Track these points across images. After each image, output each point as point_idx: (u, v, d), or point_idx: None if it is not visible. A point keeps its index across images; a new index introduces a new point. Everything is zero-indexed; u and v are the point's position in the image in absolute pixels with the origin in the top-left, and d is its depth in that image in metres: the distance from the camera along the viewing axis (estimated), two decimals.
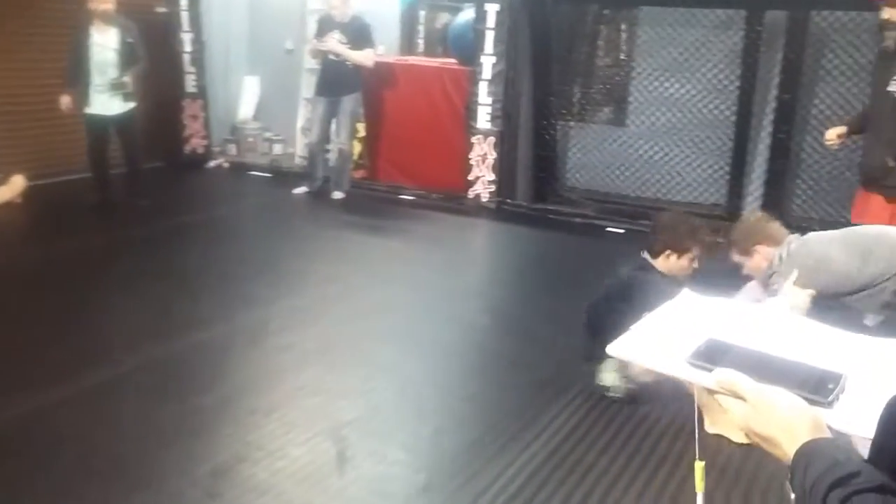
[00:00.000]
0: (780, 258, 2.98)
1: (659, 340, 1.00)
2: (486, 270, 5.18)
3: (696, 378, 0.92)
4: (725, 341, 0.97)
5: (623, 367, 3.01)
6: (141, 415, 2.90)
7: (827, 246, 2.95)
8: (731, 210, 5.82)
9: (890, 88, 3.59)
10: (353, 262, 4.92)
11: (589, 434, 2.87)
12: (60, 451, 2.63)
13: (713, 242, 3.53)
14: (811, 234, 3.07)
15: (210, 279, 4.48)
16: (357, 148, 6.94)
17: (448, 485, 2.52)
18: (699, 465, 1.58)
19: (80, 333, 3.59)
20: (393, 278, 4.63)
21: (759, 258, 3.07)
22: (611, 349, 1.01)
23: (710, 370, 0.90)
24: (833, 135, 4.08)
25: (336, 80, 6.22)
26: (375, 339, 3.70)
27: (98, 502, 2.40)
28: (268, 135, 7.87)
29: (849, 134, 4.08)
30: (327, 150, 6.67)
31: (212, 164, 7.52)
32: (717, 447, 2.71)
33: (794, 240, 3.03)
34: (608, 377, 3.12)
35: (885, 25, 3.62)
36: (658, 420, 2.98)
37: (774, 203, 5.75)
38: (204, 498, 2.41)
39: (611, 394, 3.11)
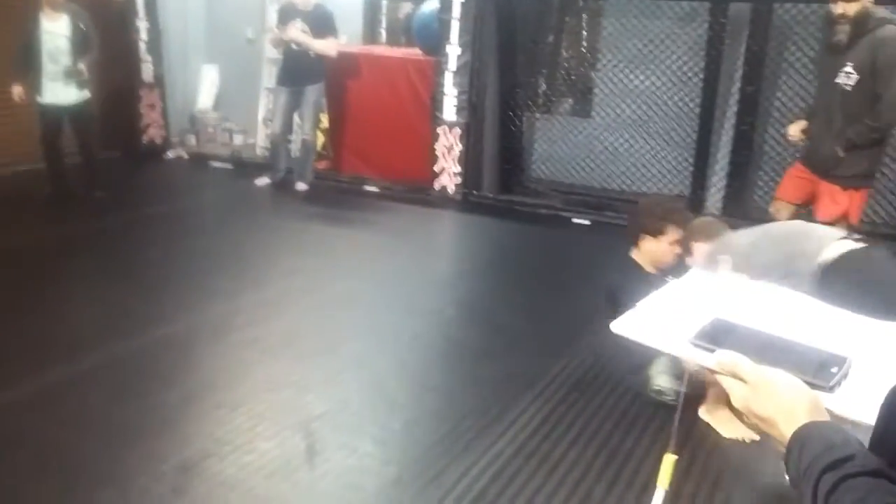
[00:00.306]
0: (713, 252, 2.97)
1: (663, 319, 0.98)
2: (452, 262, 5.15)
3: (698, 358, 0.91)
4: (730, 321, 0.95)
5: (675, 367, 2.88)
6: (103, 412, 2.81)
7: (753, 237, 2.93)
8: (695, 201, 5.88)
9: (839, 80, 3.67)
10: (317, 255, 4.85)
11: (558, 427, 2.86)
12: (20, 450, 2.53)
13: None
14: (740, 230, 3.05)
15: (171, 273, 4.37)
16: (320, 139, 6.85)
17: (419, 478, 2.49)
18: (669, 459, 1.55)
19: (36, 331, 3.48)
20: (358, 270, 4.58)
21: (698, 255, 3.04)
22: (614, 326, 0.98)
23: (713, 351, 0.88)
24: (796, 130, 4.14)
25: (298, 69, 6.11)
26: (343, 332, 3.65)
27: (60, 500, 2.32)
28: (228, 125, 7.73)
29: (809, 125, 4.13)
30: (290, 141, 6.57)
31: (170, 154, 7.36)
32: (685, 442, 2.73)
33: (726, 234, 3.01)
34: (661, 379, 2.97)
35: (837, 20, 3.68)
36: (625, 413, 2.98)
37: (737, 194, 5.83)
38: (170, 494, 2.34)
39: (665, 398, 2.95)
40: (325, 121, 6.83)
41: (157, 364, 3.24)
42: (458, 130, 6.16)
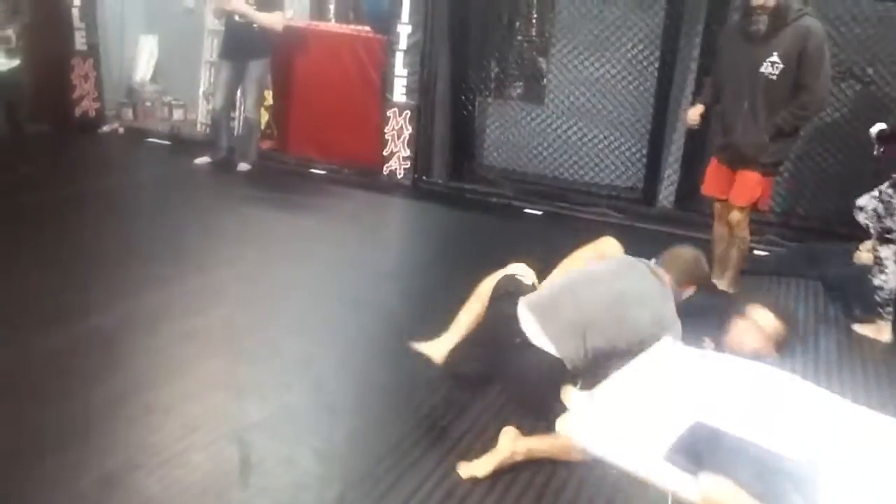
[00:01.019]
0: None
1: (625, 418, 0.83)
2: (401, 251, 4.96)
3: (676, 484, 0.76)
4: (712, 427, 0.81)
5: None
6: (13, 417, 2.57)
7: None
8: (648, 194, 5.82)
9: (763, 70, 3.69)
10: (260, 240, 4.61)
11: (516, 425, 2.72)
12: None
13: None
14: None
15: (102, 258, 4.09)
16: (264, 117, 6.55)
17: (365, 498, 2.33)
18: None
19: None
20: (304, 258, 4.36)
21: (682, 291, 2.86)
22: (562, 427, 0.83)
23: (694, 473, 0.73)
24: (696, 115, 4.13)
25: (242, 43, 5.82)
26: (286, 326, 3.45)
27: None
28: (167, 99, 7.36)
29: (708, 109, 4.14)
30: (232, 119, 6.27)
31: (105, 129, 6.95)
32: None
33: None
34: None
35: (755, 10, 3.71)
36: None
37: (688, 188, 5.77)
38: None
39: None
40: (269, 98, 6.54)
41: (80, 360, 3.00)
42: (408, 113, 5.96)
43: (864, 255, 4.60)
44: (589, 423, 0.74)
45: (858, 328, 3.92)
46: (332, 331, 3.47)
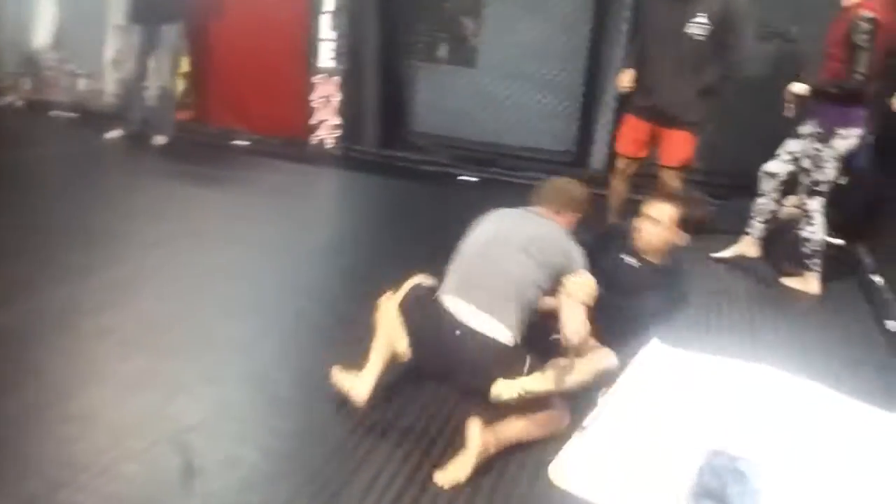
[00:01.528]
0: None
1: (628, 456, 0.70)
2: (335, 225, 4.73)
3: None
4: (732, 457, 0.69)
5: None
6: None
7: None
8: (581, 156, 5.74)
9: (688, 31, 3.74)
10: (182, 221, 4.31)
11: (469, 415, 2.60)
12: None
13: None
14: None
15: (2, 247, 3.72)
16: (180, 85, 6.15)
17: (315, 498, 2.16)
18: None
19: None
20: (231, 238, 4.10)
21: (566, 221, 2.79)
22: (557, 477, 0.69)
23: None
24: (627, 79, 4.08)
25: (153, 5, 5.43)
26: (218, 315, 3.21)
27: None
28: (70, 67, 6.82)
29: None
30: (145, 88, 5.85)
31: (2, 101, 6.41)
32: None
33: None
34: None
35: None
36: None
37: None
38: None
39: None
40: (185, 65, 6.14)
41: None
42: (336, 79, 5.69)
43: (787, 209, 4.67)
44: (587, 470, 0.62)
45: (786, 281, 3.98)
46: (269, 317, 3.24)
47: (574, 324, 2.35)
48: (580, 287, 2.45)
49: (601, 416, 0.76)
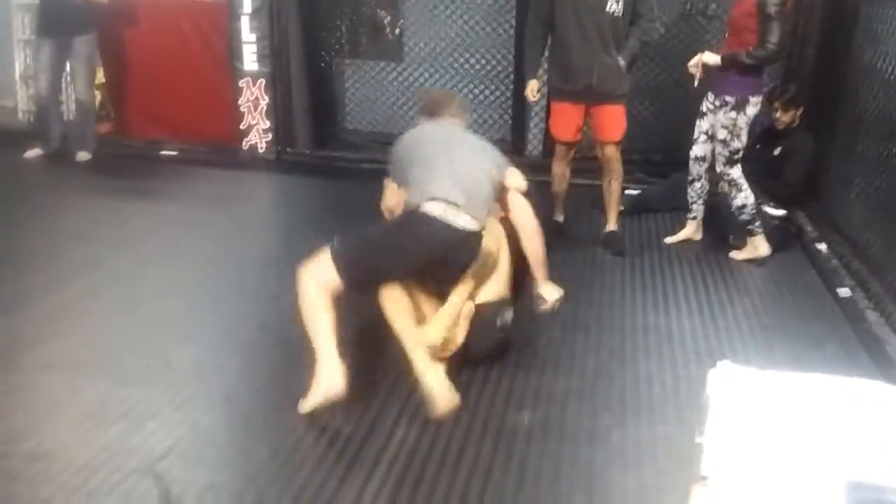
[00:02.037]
0: None
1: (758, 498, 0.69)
2: (281, 233, 4.60)
3: None
4: (867, 485, 0.68)
5: None
6: None
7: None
8: (517, 144, 5.76)
9: (608, 9, 3.88)
10: (116, 238, 4.12)
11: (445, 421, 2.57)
12: None
13: None
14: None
15: None
16: (97, 98, 5.89)
17: None
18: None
19: None
20: (173, 252, 3.96)
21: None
22: None
23: None
24: (533, 93, 4.21)
25: (62, 18, 5.16)
26: (172, 336, 3.08)
27: None
28: None
29: (538, 80, 4.25)
30: (61, 103, 5.58)
31: None
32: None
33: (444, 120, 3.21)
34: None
35: None
36: (514, 386, 2.77)
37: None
38: None
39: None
40: (100, 76, 5.88)
41: None
42: (262, 81, 5.55)
43: (726, 184, 4.81)
44: None
45: (737, 255, 4.09)
46: (227, 333, 3.14)
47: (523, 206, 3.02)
48: (519, 177, 3.07)
49: (715, 461, 0.73)
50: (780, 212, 4.31)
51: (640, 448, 2.45)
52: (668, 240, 4.33)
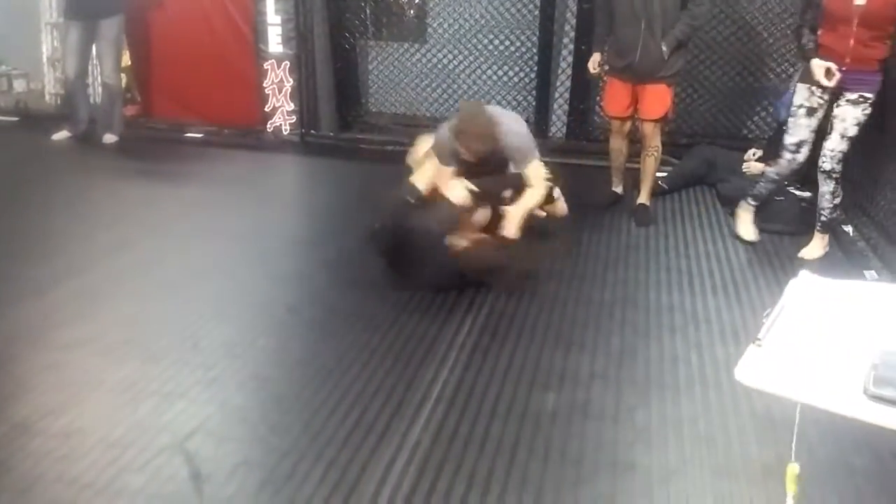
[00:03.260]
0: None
1: (800, 359, 0.73)
2: (306, 214, 4.63)
3: (889, 421, 0.66)
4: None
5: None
6: None
7: None
8: (540, 126, 5.73)
9: None
10: (144, 221, 4.17)
11: (471, 399, 2.59)
12: None
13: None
14: None
15: None
16: (123, 80, 5.94)
17: (338, 488, 2.12)
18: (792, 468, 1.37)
19: None
20: (200, 234, 3.99)
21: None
22: (741, 375, 0.75)
23: None
24: (594, 65, 4.37)
25: (90, 0, 5.18)
26: (201, 314, 3.12)
27: None
28: (4, 68, 6.55)
29: (601, 54, 4.34)
30: (88, 85, 5.64)
31: None
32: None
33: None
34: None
35: None
36: (539, 367, 2.78)
37: (579, 117, 5.75)
38: None
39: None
40: (126, 58, 5.92)
41: None
42: (287, 64, 5.56)
43: (753, 165, 4.75)
44: (766, 368, 0.70)
45: (806, 254, 3.83)
46: (256, 313, 3.18)
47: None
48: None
49: (772, 332, 0.83)
50: (807, 193, 4.26)
51: (665, 428, 2.45)
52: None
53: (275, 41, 5.52)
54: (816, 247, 3.87)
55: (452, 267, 3.33)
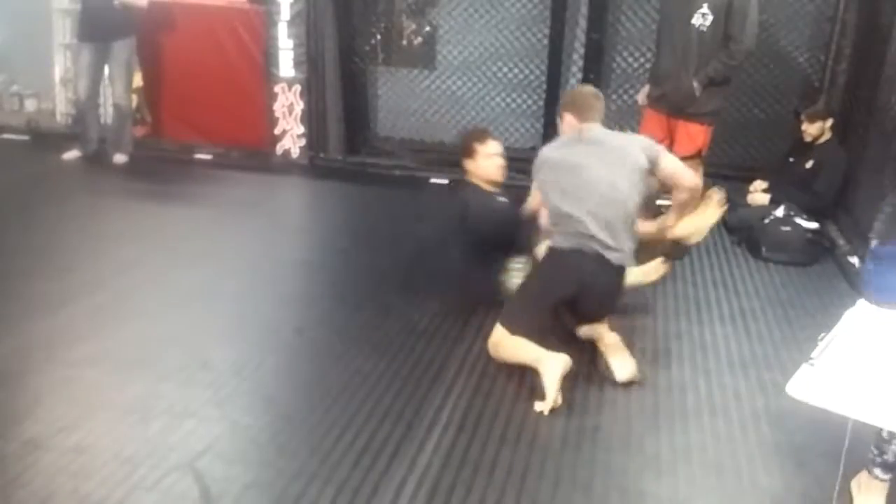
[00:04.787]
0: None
1: (855, 377, 0.76)
2: (313, 236, 4.66)
3: None
4: None
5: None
6: None
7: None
8: None
9: (694, 21, 3.89)
10: (154, 241, 4.18)
11: (481, 422, 2.60)
12: None
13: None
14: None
15: None
16: (134, 101, 5.99)
17: None
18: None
19: None
20: (209, 255, 4.01)
21: (565, 125, 3.16)
22: (793, 391, 0.78)
23: None
24: (644, 97, 4.38)
25: (103, 22, 5.25)
26: (210, 335, 3.14)
27: None
28: (16, 88, 6.60)
29: None
30: (99, 106, 5.69)
31: None
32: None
33: (587, 129, 3.05)
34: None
35: None
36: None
37: None
38: None
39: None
40: (137, 80, 5.98)
41: None
42: (297, 87, 5.61)
43: (758, 196, 4.79)
44: (819, 385, 0.72)
45: None
46: (265, 333, 3.19)
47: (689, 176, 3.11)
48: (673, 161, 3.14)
49: (826, 353, 0.86)
50: (814, 224, 4.29)
51: (674, 456, 2.46)
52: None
53: (286, 65, 5.57)
54: None
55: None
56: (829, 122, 4.62)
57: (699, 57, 3.92)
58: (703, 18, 3.86)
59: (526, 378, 2.87)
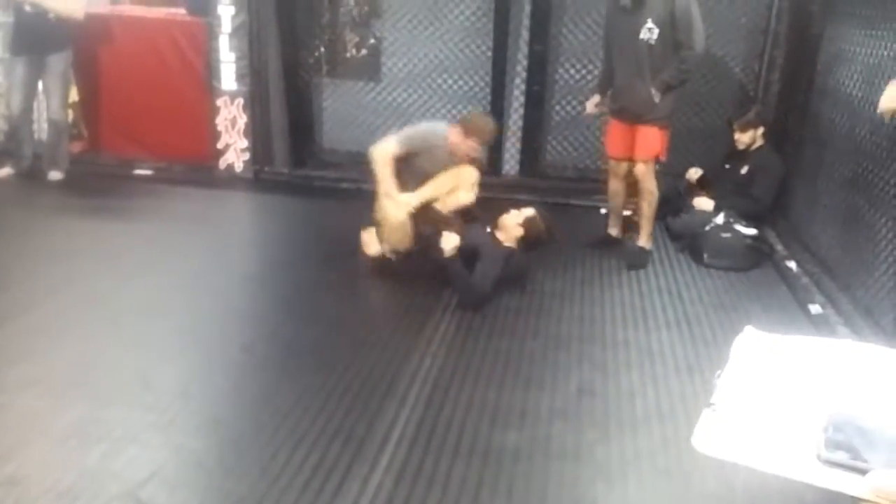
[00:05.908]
0: None
1: (755, 424, 0.75)
2: (259, 251, 4.57)
3: (842, 486, 0.68)
4: (849, 416, 0.73)
5: None
6: None
7: None
8: (493, 164, 5.80)
9: (642, 36, 4.01)
10: (93, 257, 4.06)
11: (434, 436, 2.58)
12: None
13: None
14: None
15: None
16: (70, 116, 5.82)
17: None
18: None
19: None
20: (150, 271, 3.90)
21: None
22: (699, 446, 0.76)
23: (860, 469, 0.66)
24: (592, 106, 4.55)
25: (37, 35, 5.11)
26: (152, 354, 3.04)
27: None
28: None
29: (602, 96, 4.48)
30: (33, 122, 5.51)
31: None
32: None
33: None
34: None
35: None
36: (499, 405, 2.78)
37: (532, 156, 5.85)
38: None
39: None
40: (73, 95, 5.81)
41: None
42: (240, 100, 5.54)
43: (702, 201, 4.87)
44: (723, 436, 0.71)
45: None
46: (209, 353, 3.11)
47: None
48: None
49: (725, 395, 0.86)
50: (752, 231, 4.39)
51: (625, 464, 2.47)
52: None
53: (228, 78, 5.49)
54: None
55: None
56: (761, 131, 4.79)
57: (652, 68, 4.05)
58: (649, 33, 3.98)
59: (477, 390, 2.86)
